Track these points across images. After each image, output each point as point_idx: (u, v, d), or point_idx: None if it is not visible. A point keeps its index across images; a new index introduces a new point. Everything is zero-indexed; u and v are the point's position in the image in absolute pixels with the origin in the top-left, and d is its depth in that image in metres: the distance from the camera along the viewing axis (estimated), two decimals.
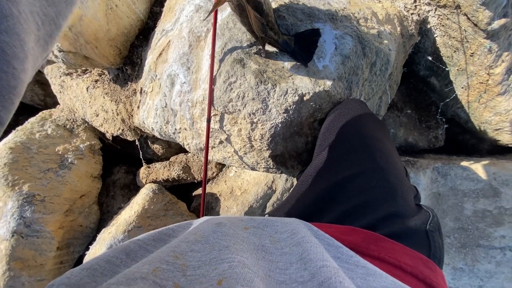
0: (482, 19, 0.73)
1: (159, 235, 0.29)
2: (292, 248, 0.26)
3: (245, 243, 0.26)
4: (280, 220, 0.32)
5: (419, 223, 0.36)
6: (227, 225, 0.28)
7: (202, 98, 0.62)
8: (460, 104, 1.05)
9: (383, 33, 0.69)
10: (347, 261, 0.27)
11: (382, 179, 0.40)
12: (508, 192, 0.99)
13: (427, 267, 0.31)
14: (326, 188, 0.42)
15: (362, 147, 0.45)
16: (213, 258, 0.23)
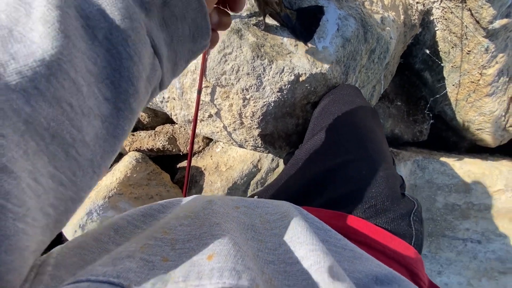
0: (485, 16, 0.72)
1: (149, 211, 0.29)
2: (282, 230, 0.26)
3: (235, 222, 0.26)
4: (271, 202, 0.32)
5: (404, 212, 0.38)
6: (218, 203, 0.28)
7: (194, 67, 0.59)
8: (449, 101, 1.07)
9: (386, 19, 0.67)
10: (335, 244, 0.27)
11: (372, 169, 0.41)
12: (479, 189, 1.05)
13: (408, 253, 0.32)
14: (316, 173, 0.42)
15: (354, 136, 0.45)
16: (203, 233, 0.22)
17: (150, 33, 0.21)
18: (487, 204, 1.04)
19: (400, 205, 0.38)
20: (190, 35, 0.23)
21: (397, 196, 0.39)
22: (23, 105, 0.14)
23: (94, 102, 0.18)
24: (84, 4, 0.17)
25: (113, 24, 0.18)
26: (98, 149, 0.18)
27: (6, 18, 0.15)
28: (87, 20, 0.17)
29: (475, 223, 1.06)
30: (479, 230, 1.06)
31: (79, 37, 0.17)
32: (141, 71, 0.20)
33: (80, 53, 0.17)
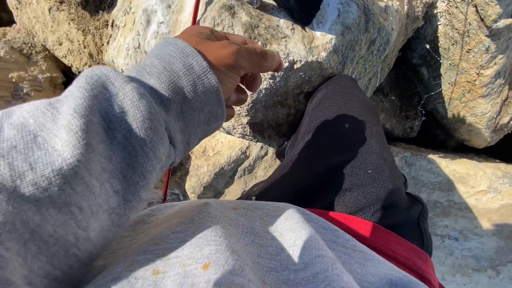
0: (490, 14, 0.69)
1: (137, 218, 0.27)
2: (284, 233, 0.24)
3: (233, 226, 0.24)
4: (271, 203, 0.30)
5: (412, 214, 0.36)
6: (214, 206, 0.26)
7: None
8: (442, 99, 1.06)
9: (390, 8, 0.63)
10: (344, 245, 0.26)
11: (378, 166, 0.38)
12: (462, 188, 1.07)
13: (420, 258, 0.31)
14: (319, 172, 0.40)
15: (357, 131, 0.43)
16: (198, 238, 0.21)
17: (168, 126, 0.22)
18: (468, 204, 1.06)
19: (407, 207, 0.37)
20: (206, 121, 0.25)
21: (404, 197, 0.38)
22: (33, 215, 0.15)
23: (104, 198, 0.18)
24: (109, 108, 0.19)
25: (133, 125, 0.19)
26: (100, 241, 0.19)
27: (34, 123, 0.16)
28: (110, 122, 0.19)
29: (455, 221, 1.08)
30: (458, 228, 1.08)
31: (99, 140, 0.18)
32: (155, 165, 0.21)
33: (97, 156, 0.17)
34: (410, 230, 0.35)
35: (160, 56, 0.22)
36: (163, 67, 0.21)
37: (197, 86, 0.22)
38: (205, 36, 0.25)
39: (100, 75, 0.19)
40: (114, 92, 0.19)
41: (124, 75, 0.20)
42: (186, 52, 0.22)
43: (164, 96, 0.21)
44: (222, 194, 1.19)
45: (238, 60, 0.24)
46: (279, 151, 0.92)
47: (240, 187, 1.18)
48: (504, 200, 1.02)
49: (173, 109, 0.22)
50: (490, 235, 1.06)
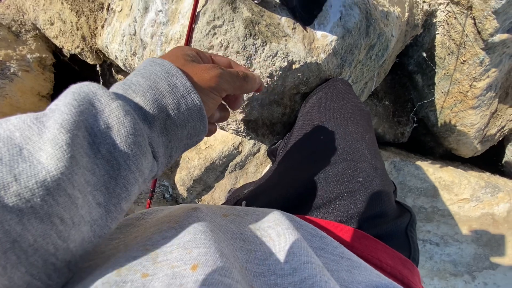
0: (487, 28, 0.70)
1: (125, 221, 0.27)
2: (273, 238, 0.25)
3: (223, 232, 0.24)
4: (261, 210, 0.30)
5: (400, 223, 0.37)
6: (204, 211, 0.26)
7: (179, 35, 0.53)
8: (434, 108, 1.08)
9: (391, 14, 0.63)
10: (332, 252, 0.26)
11: (369, 175, 0.39)
12: (446, 195, 1.10)
13: (406, 267, 0.32)
14: (310, 178, 0.40)
15: (348, 137, 0.43)
16: (188, 241, 0.21)
17: (151, 141, 0.23)
18: (451, 211, 1.10)
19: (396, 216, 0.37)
20: (188, 135, 0.26)
21: (393, 205, 0.38)
22: (15, 225, 0.15)
23: (86, 209, 0.19)
24: (95, 124, 0.19)
25: (117, 140, 0.20)
26: (80, 251, 0.19)
27: (20, 136, 0.17)
28: (95, 137, 0.19)
29: (437, 226, 1.12)
30: (439, 234, 1.12)
31: (83, 154, 0.18)
32: (138, 177, 0.22)
33: (81, 169, 0.18)
34: (398, 239, 0.36)
35: (146, 75, 0.23)
36: (148, 86, 0.23)
37: (181, 105, 0.23)
38: (191, 58, 0.26)
39: (88, 92, 0.20)
40: (100, 109, 0.20)
41: (111, 92, 0.21)
42: (171, 72, 0.23)
43: (149, 113, 0.22)
44: (212, 189, 1.18)
45: (220, 83, 0.26)
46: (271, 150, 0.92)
47: (231, 183, 1.18)
48: (485, 209, 1.06)
49: (157, 125, 0.23)
50: (470, 242, 1.10)
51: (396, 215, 0.37)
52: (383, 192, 0.37)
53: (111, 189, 0.20)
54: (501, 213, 1.05)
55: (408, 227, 0.37)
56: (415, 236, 0.38)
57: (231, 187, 1.19)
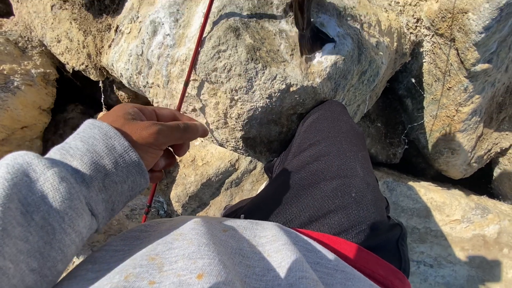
0: (469, 58, 0.76)
1: (130, 234, 0.28)
2: (271, 254, 0.26)
3: (223, 246, 0.25)
4: (260, 224, 0.31)
5: (391, 236, 0.39)
6: (205, 225, 0.27)
7: (184, 57, 0.56)
8: (424, 130, 1.13)
9: (381, 44, 0.68)
10: (327, 266, 0.27)
11: (362, 191, 0.41)
12: (438, 216, 1.12)
13: (398, 278, 0.33)
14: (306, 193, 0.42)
15: (343, 155, 0.46)
16: (192, 252, 0.22)
17: (89, 201, 0.24)
18: (443, 232, 1.11)
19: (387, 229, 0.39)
20: (130, 189, 0.27)
21: (385, 220, 0.40)
22: None
23: (19, 278, 0.19)
24: (28, 194, 0.20)
25: (52, 207, 0.21)
26: None
27: None
28: (28, 206, 0.20)
29: (430, 247, 1.12)
30: (433, 255, 1.12)
31: (15, 224, 0.19)
32: (75, 238, 0.22)
33: (13, 239, 0.19)
34: (389, 251, 0.37)
35: (85, 139, 0.25)
36: (86, 149, 0.24)
37: (119, 163, 0.25)
38: (131, 116, 0.27)
39: (22, 163, 0.21)
40: (35, 178, 0.21)
41: (46, 161, 0.22)
42: (109, 134, 0.25)
43: (86, 175, 0.23)
44: (207, 206, 1.18)
45: (158, 139, 0.27)
46: (268, 166, 0.94)
47: (226, 200, 1.18)
48: (476, 231, 1.08)
49: (95, 185, 0.24)
50: (463, 263, 1.10)
51: (388, 229, 0.39)
52: (375, 206, 0.39)
53: (45, 254, 0.20)
54: (491, 234, 1.07)
55: (399, 240, 0.39)
56: (406, 249, 0.39)
57: (227, 204, 1.19)
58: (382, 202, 0.43)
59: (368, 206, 0.39)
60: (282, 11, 0.55)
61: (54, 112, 1.17)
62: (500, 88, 0.95)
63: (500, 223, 1.07)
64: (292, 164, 0.49)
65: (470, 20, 0.70)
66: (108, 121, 0.26)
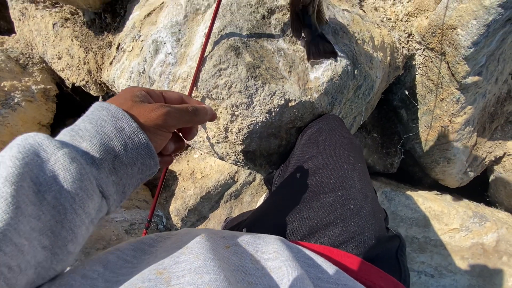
0: (460, 71, 0.79)
1: (139, 245, 0.28)
2: (273, 270, 0.26)
3: (226, 263, 0.26)
4: (263, 238, 0.32)
5: (391, 248, 0.39)
6: (210, 240, 0.28)
7: (186, 75, 0.58)
8: (419, 140, 1.15)
9: (375, 59, 0.71)
10: (328, 281, 0.28)
11: (360, 202, 0.42)
12: (436, 225, 1.12)
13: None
14: (306, 206, 0.43)
15: (341, 167, 0.47)
16: (198, 267, 0.22)
17: (99, 182, 0.24)
18: (442, 241, 1.12)
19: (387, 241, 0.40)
20: (139, 171, 0.27)
21: (384, 231, 0.41)
22: None
23: (32, 254, 0.20)
24: (40, 173, 0.21)
25: (63, 187, 0.21)
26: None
27: None
28: (39, 186, 0.20)
29: (430, 257, 1.13)
30: (433, 265, 1.12)
31: (28, 203, 0.19)
32: (84, 219, 0.23)
33: (27, 217, 0.19)
34: (389, 263, 0.38)
35: (94, 120, 0.25)
36: (95, 130, 0.24)
37: (128, 145, 0.25)
38: (139, 99, 0.27)
39: (33, 143, 0.21)
40: (46, 158, 0.21)
41: (57, 141, 0.22)
42: (117, 116, 0.25)
43: (95, 157, 0.23)
44: (206, 219, 1.17)
45: (167, 121, 0.27)
46: (268, 178, 0.94)
47: (225, 212, 1.18)
48: (474, 239, 1.08)
49: (105, 166, 0.24)
50: (463, 272, 1.10)
51: (387, 240, 0.40)
52: (374, 218, 0.40)
53: (57, 232, 0.21)
54: (490, 242, 1.08)
55: (398, 251, 0.40)
56: (405, 260, 0.40)
57: (226, 216, 1.18)
58: (381, 213, 0.44)
59: (367, 218, 0.40)
60: (280, 31, 0.58)
61: (53, 127, 1.18)
62: (491, 99, 0.98)
63: (498, 231, 1.08)
64: (291, 177, 0.50)
65: (459, 35, 0.73)
66: (116, 104, 0.26)
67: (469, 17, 0.70)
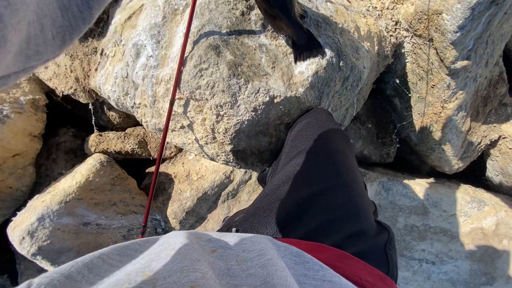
0: (448, 56, 0.78)
1: (125, 250, 0.28)
2: (257, 270, 0.26)
3: (211, 268, 0.26)
4: (249, 238, 0.32)
5: (379, 241, 0.39)
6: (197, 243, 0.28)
7: (168, 77, 0.57)
8: (414, 128, 1.14)
9: (361, 49, 0.70)
10: (314, 277, 0.27)
11: (348, 196, 0.41)
12: (436, 212, 1.12)
13: (386, 284, 0.33)
14: (295, 202, 0.42)
15: (330, 162, 0.46)
16: (185, 266, 0.22)
17: None
18: (442, 228, 1.11)
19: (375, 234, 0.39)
20: None
21: (372, 224, 0.40)
22: None
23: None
24: None
25: None
26: None
27: None
28: None
29: (431, 244, 1.12)
30: (434, 252, 1.12)
31: None
32: None
33: None
34: (377, 257, 0.38)
35: None
36: None
37: None
38: None
39: None
40: None
41: None
42: None
43: None
44: (204, 220, 1.17)
45: None
46: (261, 176, 0.94)
47: (224, 212, 1.18)
48: (474, 224, 1.08)
49: None
50: (464, 258, 1.10)
51: (375, 234, 0.39)
52: (362, 212, 0.40)
53: None
54: (489, 226, 1.08)
55: (386, 244, 0.39)
56: (394, 253, 0.40)
57: (225, 216, 1.18)
58: (370, 206, 0.43)
59: (355, 213, 0.39)
60: (261, 26, 0.57)
61: (45, 137, 1.17)
62: (483, 83, 0.98)
63: (497, 214, 1.08)
64: (281, 174, 0.50)
65: (444, 20, 0.72)
66: None
67: (453, 1, 0.69)
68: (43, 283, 0.21)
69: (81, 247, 0.94)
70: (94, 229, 0.95)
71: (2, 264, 1.19)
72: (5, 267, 1.19)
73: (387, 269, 0.37)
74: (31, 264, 1.06)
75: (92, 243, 0.97)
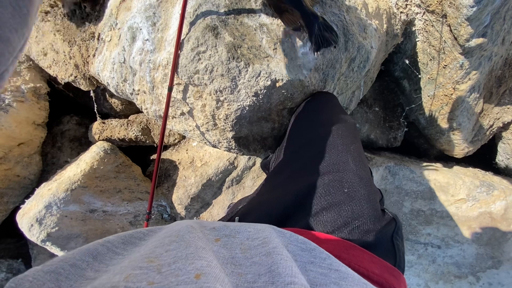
0: (463, 34, 0.74)
1: (130, 238, 0.28)
2: (262, 258, 0.26)
3: (215, 257, 0.25)
4: (253, 226, 0.31)
5: (386, 231, 0.38)
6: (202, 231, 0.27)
7: (166, 62, 0.55)
8: (423, 111, 1.10)
9: (369, 28, 0.66)
10: (321, 265, 0.27)
11: (354, 185, 0.40)
12: (442, 197, 1.10)
13: (392, 275, 0.33)
14: (299, 190, 0.41)
15: (334, 149, 0.44)
16: (190, 253, 0.22)
17: None
18: (449, 212, 1.10)
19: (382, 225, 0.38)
20: None
21: (379, 214, 0.39)
22: None
23: None
24: None
25: None
26: None
27: None
28: None
29: (437, 229, 1.12)
30: (440, 236, 1.12)
31: None
32: None
33: None
34: (383, 247, 0.36)
35: None
36: None
37: None
38: None
39: None
40: None
41: None
42: None
43: None
44: (210, 205, 1.18)
45: None
46: (264, 163, 0.93)
47: (228, 198, 1.18)
48: (482, 208, 1.06)
49: None
50: (470, 242, 1.10)
51: (382, 223, 0.38)
52: (369, 201, 0.38)
53: None
54: (498, 211, 1.06)
55: (393, 234, 0.38)
56: (402, 243, 0.38)
57: (230, 202, 1.19)
58: (376, 195, 0.42)
59: (361, 202, 0.38)
60: (261, 4, 0.53)
61: (50, 126, 1.17)
62: (498, 62, 0.92)
63: (507, 198, 1.05)
64: (283, 162, 0.48)
65: None
66: None
67: None
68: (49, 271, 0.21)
69: (89, 233, 0.96)
70: (101, 216, 0.97)
71: (16, 249, 1.24)
72: (20, 251, 1.24)
73: (394, 260, 0.36)
74: (43, 249, 1.09)
75: (100, 229, 0.99)
